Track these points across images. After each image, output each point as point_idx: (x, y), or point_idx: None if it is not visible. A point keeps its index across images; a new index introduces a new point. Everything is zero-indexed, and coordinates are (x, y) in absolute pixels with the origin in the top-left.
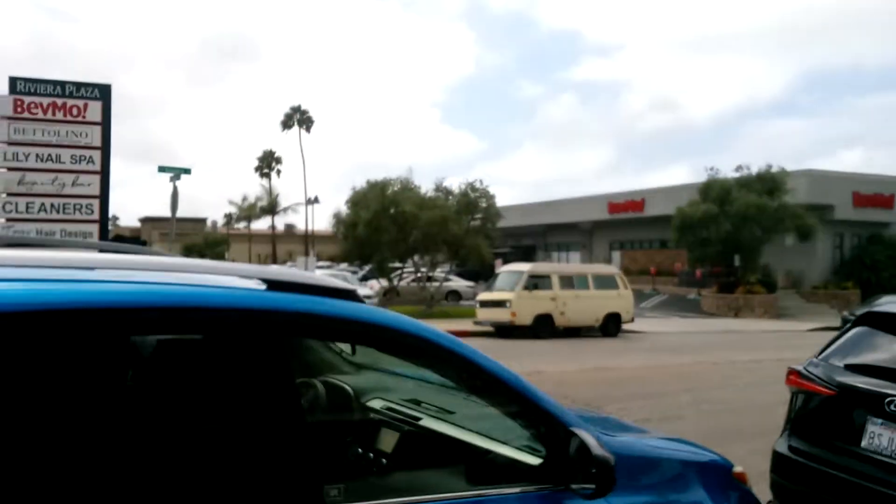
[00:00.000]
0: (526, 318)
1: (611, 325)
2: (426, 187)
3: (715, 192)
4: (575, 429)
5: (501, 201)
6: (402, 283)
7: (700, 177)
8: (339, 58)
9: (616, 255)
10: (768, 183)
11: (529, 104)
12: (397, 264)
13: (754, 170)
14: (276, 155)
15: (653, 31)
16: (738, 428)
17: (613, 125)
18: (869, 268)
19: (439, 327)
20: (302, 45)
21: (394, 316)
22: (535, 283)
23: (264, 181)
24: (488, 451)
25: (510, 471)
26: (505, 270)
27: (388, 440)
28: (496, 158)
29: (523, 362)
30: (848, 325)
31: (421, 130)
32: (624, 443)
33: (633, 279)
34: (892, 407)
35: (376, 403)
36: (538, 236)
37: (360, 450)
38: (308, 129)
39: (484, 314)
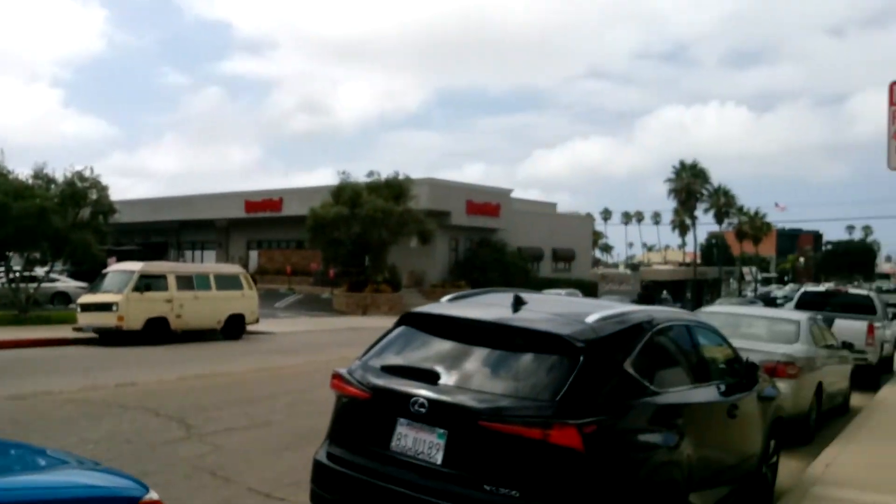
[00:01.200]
0: (136, 323)
1: (234, 327)
2: (25, 173)
3: (347, 195)
4: None
5: (135, 194)
6: None
7: (336, 180)
8: None
9: (253, 254)
10: (395, 189)
11: (172, 94)
12: None
13: (384, 176)
14: None
15: (306, 33)
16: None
17: (262, 124)
18: (479, 268)
19: (34, 335)
20: None
21: None
22: (148, 283)
23: None
24: None
25: None
26: (113, 270)
27: None
28: (132, 148)
29: (120, 373)
30: (392, 326)
31: (39, 111)
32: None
33: (270, 279)
34: (417, 407)
35: None
36: (171, 234)
37: None
38: None
39: (86, 319)
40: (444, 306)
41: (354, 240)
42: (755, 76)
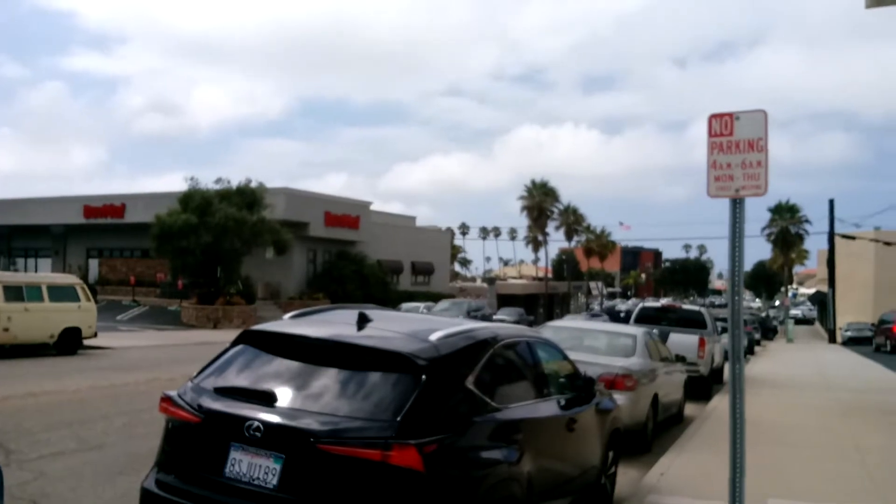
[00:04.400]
0: None
1: (68, 342)
2: None
3: (196, 202)
4: None
5: None
6: None
7: (185, 186)
8: None
9: (93, 263)
10: (248, 197)
11: (7, 86)
12: None
13: (234, 183)
14: None
15: (160, 28)
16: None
17: (107, 123)
18: (337, 281)
19: None
20: None
21: None
22: None
23: None
24: None
25: None
26: None
27: None
28: None
29: None
30: (228, 345)
31: None
32: None
33: (113, 289)
34: (252, 431)
35: None
36: (1, 240)
37: None
38: None
39: None
40: (286, 324)
41: (204, 249)
42: (605, 100)
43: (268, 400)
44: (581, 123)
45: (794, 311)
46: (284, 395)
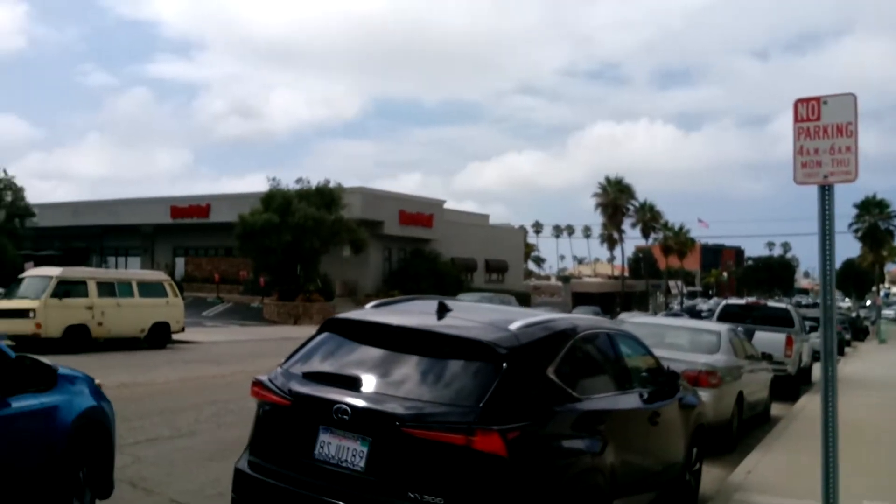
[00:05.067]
0: (55, 330)
1: (158, 336)
2: None
3: (277, 202)
4: None
5: (55, 197)
6: None
7: (267, 186)
8: None
9: (180, 261)
10: (326, 197)
11: (96, 94)
12: None
13: (314, 183)
14: None
15: (238, 34)
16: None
17: (191, 127)
18: (412, 278)
19: None
20: None
21: None
22: (67, 289)
23: None
24: None
25: None
26: (30, 275)
27: None
28: (52, 149)
29: None
30: (314, 332)
31: None
32: None
33: (198, 287)
34: (339, 414)
35: None
36: (94, 239)
37: None
38: None
39: (0, 326)
40: (368, 312)
41: (285, 248)
42: (682, 95)
43: (353, 385)
44: (656, 119)
45: (886, 312)
46: (369, 381)
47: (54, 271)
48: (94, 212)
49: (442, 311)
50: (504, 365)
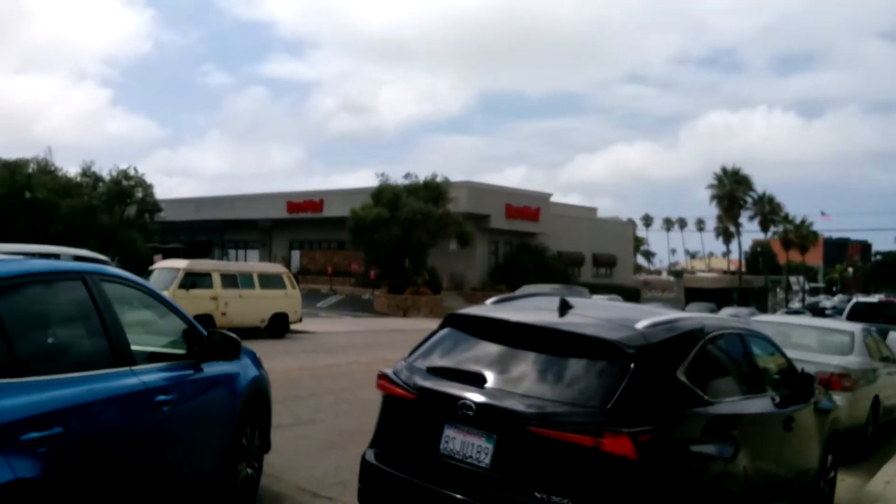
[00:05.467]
0: None
1: (277, 326)
2: (73, 171)
3: (386, 197)
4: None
5: (179, 193)
6: None
7: (376, 182)
8: None
9: (295, 254)
10: (434, 191)
11: (216, 93)
12: None
13: (421, 178)
14: None
15: (348, 33)
16: (369, 429)
17: (304, 124)
18: (518, 272)
19: None
20: None
21: None
22: (193, 281)
23: None
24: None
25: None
26: (159, 267)
27: None
28: (176, 147)
29: None
30: (436, 328)
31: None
32: None
33: (312, 279)
34: (464, 410)
35: None
36: (215, 233)
37: None
38: None
39: None
40: (490, 308)
41: (394, 241)
42: (802, 81)
43: (477, 381)
44: (775, 106)
45: None
46: (492, 377)
47: (181, 263)
48: (215, 207)
49: (564, 308)
50: (632, 365)
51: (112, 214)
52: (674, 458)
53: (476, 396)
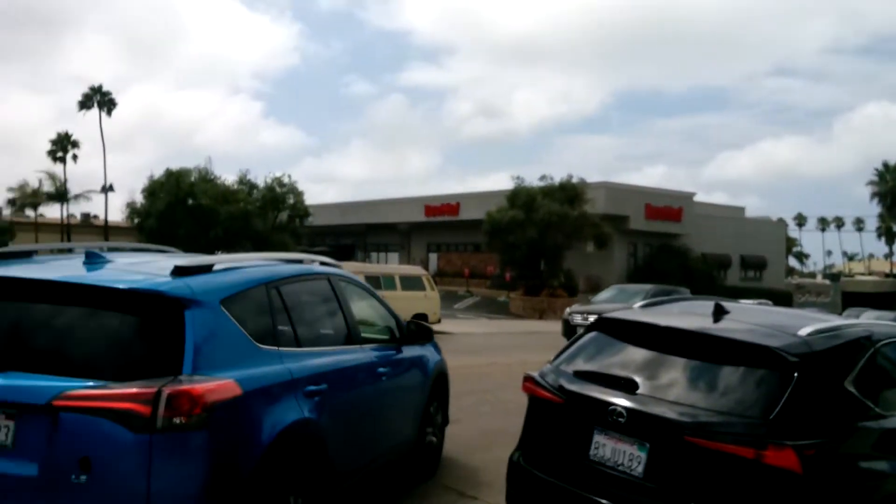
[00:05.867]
0: None
1: None
2: (230, 179)
3: (521, 199)
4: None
5: (325, 199)
6: None
7: (511, 184)
8: (151, 39)
9: (433, 256)
10: (570, 192)
11: (358, 102)
12: None
13: (557, 179)
14: (72, 138)
15: (481, 39)
16: (512, 431)
17: (440, 129)
18: (659, 274)
19: None
20: (108, 18)
21: None
22: None
23: (58, 166)
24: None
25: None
26: None
27: None
28: (322, 155)
29: None
30: (583, 331)
31: (242, 121)
32: None
33: (449, 281)
34: (615, 416)
35: None
36: (358, 236)
37: None
38: (109, 112)
39: None
40: (639, 312)
41: (530, 244)
42: None
43: (627, 386)
44: None
45: None
46: (642, 383)
47: None
48: (358, 211)
49: (718, 312)
50: (795, 374)
51: (265, 219)
52: (841, 473)
53: (627, 402)
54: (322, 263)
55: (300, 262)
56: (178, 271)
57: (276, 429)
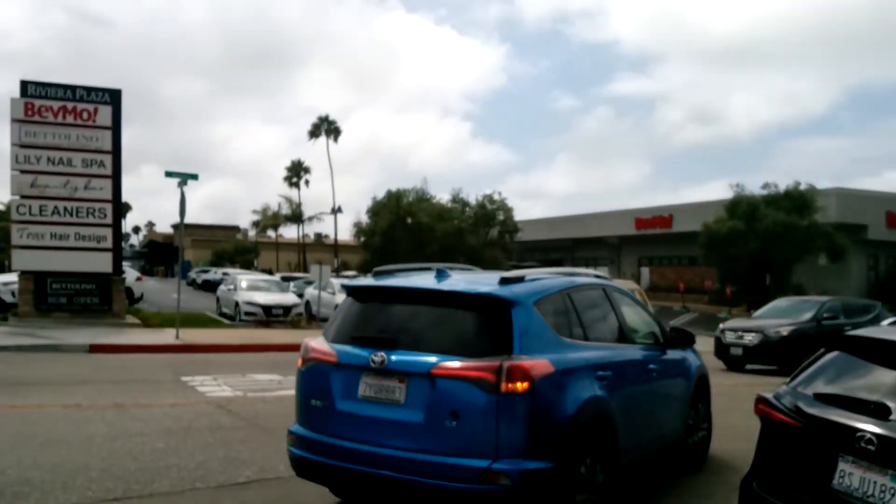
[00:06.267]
0: None
1: None
2: (444, 198)
3: (742, 209)
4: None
5: (532, 214)
6: None
7: (729, 193)
8: (371, 69)
9: (644, 270)
10: (797, 201)
11: (564, 117)
12: None
13: (782, 187)
14: (304, 165)
15: (692, 43)
16: (740, 456)
17: (649, 139)
18: None
19: None
20: (333, 54)
21: None
22: None
23: (292, 190)
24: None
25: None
26: None
27: None
28: (528, 171)
29: None
30: (822, 351)
31: (453, 142)
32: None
33: (663, 296)
34: (863, 443)
35: None
36: (566, 250)
37: None
38: (335, 139)
39: None
40: (888, 330)
41: (752, 256)
42: None
43: (879, 412)
44: None
45: None
46: (894, 408)
47: None
48: (566, 226)
49: None
50: None
51: (477, 235)
52: None
53: (878, 429)
54: (596, 276)
55: (577, 274)
56: (504, 281)
57: (579, 401)
